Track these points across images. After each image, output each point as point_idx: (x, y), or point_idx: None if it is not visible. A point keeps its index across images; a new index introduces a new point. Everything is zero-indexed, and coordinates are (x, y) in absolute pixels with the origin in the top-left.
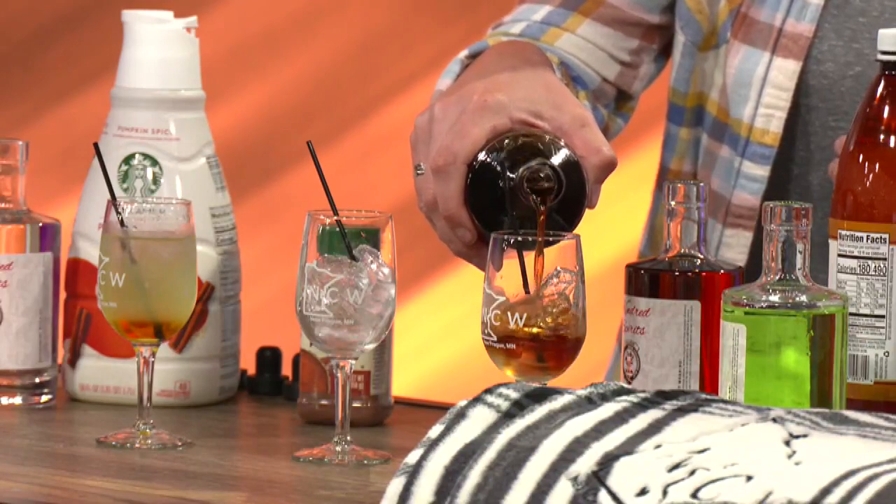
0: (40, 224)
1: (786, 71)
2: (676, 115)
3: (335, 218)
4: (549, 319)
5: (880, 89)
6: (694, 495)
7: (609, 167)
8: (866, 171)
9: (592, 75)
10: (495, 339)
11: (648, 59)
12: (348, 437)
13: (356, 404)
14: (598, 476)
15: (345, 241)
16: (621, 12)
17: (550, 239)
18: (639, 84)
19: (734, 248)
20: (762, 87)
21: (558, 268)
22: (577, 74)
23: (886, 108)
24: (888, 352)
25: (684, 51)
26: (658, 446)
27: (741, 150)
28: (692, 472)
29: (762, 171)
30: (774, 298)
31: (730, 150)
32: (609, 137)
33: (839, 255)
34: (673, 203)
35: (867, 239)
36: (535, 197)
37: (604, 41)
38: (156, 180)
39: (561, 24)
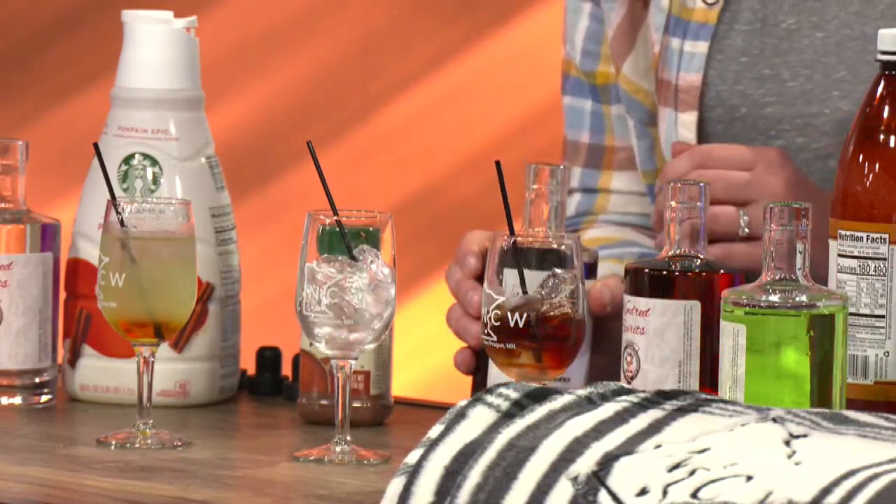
0: (40, 224)
1: (687, 124)
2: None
3: (335, 218)
4: (548, 320)
5: (880, 89)
6: (694, 495)
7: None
8: (866, 171)
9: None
10: (495, 339)
11: None
12: (348, 437)
13: (356, 404)
14: (598, 476)
15: (345, 241)
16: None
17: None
18: None
19: None
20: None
21: (557, 269)
22: (644, 232)
23: (886, 108)
24: (888, 352)
25: (638, 133)
26: (658, 446)
27: None
28: (692, 472)
29: None
30: (774, 298)
31: None
32: None
33: (839, 255)
34: (673, 203)
35: (867, 239)
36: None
37: (640, 185)
38: (156, 180)
39: (596, 185)
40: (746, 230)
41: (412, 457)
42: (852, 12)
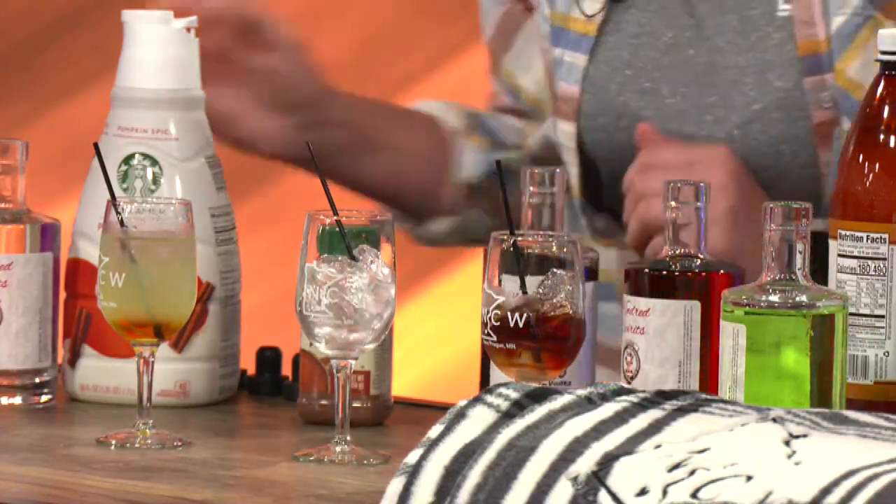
0: (40, 224)
1: (565, 133)
2: None
3: (335, 218)
4: (548, 320)
5: (880, 89)
6: (694, 495)
7: None
8: (866, 171)
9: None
10: (495, 339)
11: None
12: (348, 437)
13: (356, 404)
14: (598, 476)
15: (345, 241)
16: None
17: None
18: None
19: None
20: (561, 151)
21: (556, 269)
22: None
23: (886, 108)
24: (888, 352)
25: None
26: (658, 446)
27: None
28: (692, 472)
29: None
30: (774, 298)
31: None
32: None
33: (839, 255)
34: (673, 203)
35: (867, 239)
36: None
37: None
38: (156, 180)
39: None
40: None
41: (412, 457)
42: (726, 40)
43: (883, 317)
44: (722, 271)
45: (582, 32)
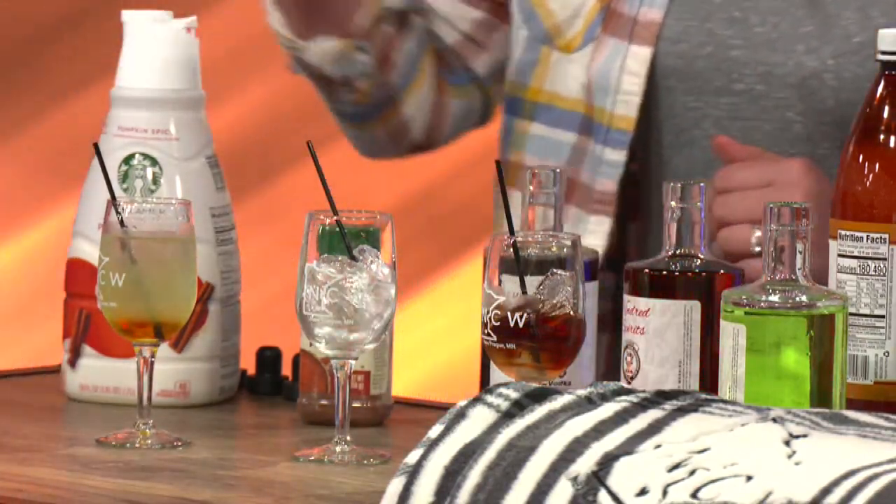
0: None
1: (638, 57)
2: (515, 107)
3: (335, 218)
4: (548, 320)
5: (880, 89)
6: (694, 495)
7: None
8: (866, 171)
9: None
10: (495, 339)
11: (499, 38)
12: (348, 437)
13: (356, 404)
14: (598, 476)
15: (345, 241)
16: None
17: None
18: (484, 68)
19: (597, 234)
20: (620, 76)
21: (556, 270)
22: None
23: (886, 108)
24: (888, 352)
25: (526, 45)
26: (658, 446)
27: (602, 138)
28: (692, 472)
29: (619, 156)
30: (774, 298)
31: (594, 142)
32: (445, 120)
33: (839, 255)
34: (672, 203)
35: (867, 239)
36: None
37: (444, 3)
38: (156, 180)
39: None
40: (758, 248)
41: (412, 457)
42: None
43: (883, 317)
44: (722, 271)
45: None
